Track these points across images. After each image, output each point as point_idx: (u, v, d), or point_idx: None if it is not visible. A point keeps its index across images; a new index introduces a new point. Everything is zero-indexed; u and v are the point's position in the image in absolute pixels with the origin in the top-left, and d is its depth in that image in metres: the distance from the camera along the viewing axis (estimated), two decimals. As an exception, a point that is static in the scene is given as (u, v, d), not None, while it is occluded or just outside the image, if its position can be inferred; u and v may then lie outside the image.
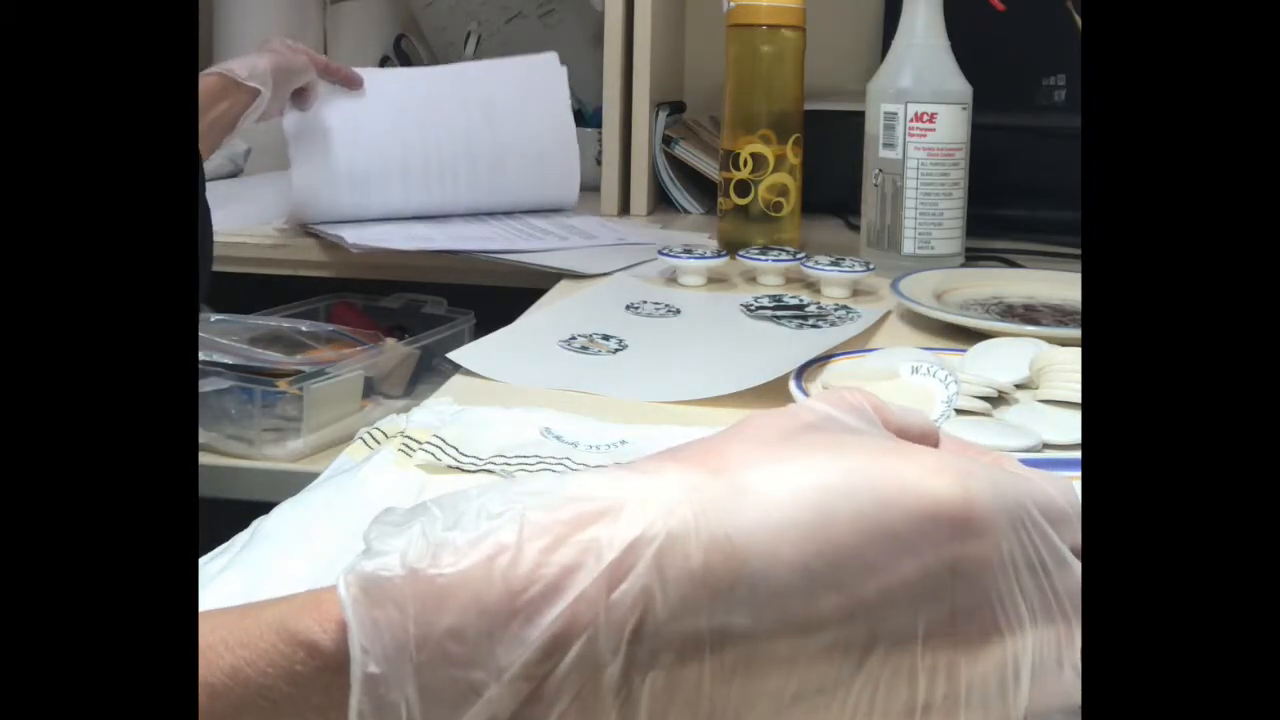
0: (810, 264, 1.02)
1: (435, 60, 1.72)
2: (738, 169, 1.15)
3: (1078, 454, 0.61)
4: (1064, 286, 1.00)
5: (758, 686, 0.29)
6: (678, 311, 0.96)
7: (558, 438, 0.65)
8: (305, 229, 1.26)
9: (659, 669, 0.28)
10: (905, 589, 0.29)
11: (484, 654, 0.27)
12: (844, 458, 0.30)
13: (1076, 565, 0.31)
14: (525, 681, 0.27)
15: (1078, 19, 1.18)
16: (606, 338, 0.86)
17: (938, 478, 0.30)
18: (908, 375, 0.60)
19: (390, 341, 1.12)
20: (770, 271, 1.06)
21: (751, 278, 1.07)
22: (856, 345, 0.84)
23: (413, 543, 0.28)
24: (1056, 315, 0.93)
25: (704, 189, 1.42)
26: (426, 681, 0.27)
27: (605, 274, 1.09)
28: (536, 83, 1.39)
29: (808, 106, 1.17)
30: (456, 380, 0.78)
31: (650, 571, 0.28)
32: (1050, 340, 0.79)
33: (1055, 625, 0.31)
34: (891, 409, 0.35)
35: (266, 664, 0.28)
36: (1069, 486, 0.32)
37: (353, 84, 1.31)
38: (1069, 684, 0.31)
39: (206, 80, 1.15)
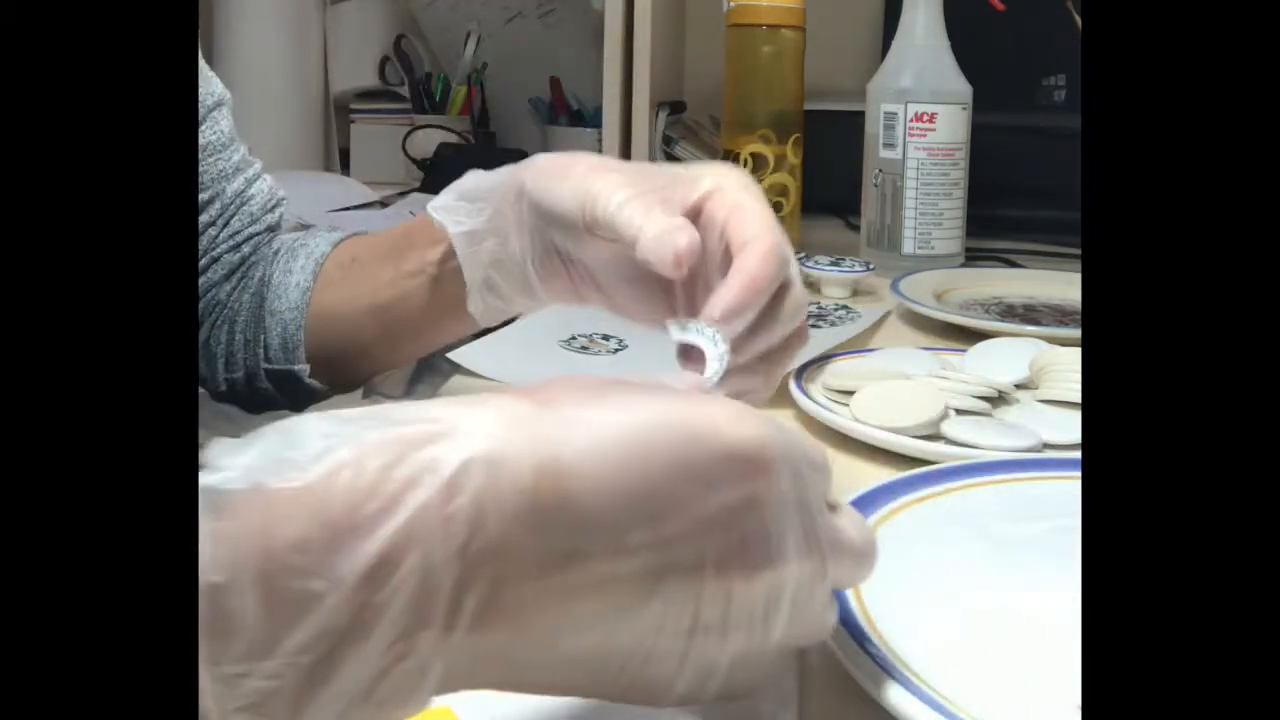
0: (810, 264, 1.02)
1: (436, 60, 1.72)
2: (738, 169, 1.15)
3: (1078, 454, 0.61)
4: (1064, 286, 1.00)
5: (574, 607, 0.30)
6: (678, 311, 0.96)
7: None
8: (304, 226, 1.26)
9: (486, 585, 0.29)
10: (705, 522, 0.31)
11: (324, 564, 0.28)
12: (658, 400, 0.32)
13: (829, 513, 0.35)
14: (362, 592, 0.28)
15: (1078, 19, 1.18)
16: (606, 338, 0.86)
17: (741, 423, 0.32)
18: (677, 333, 0.56)
19: (390, 341, 1.12)
20: (770, 271, 1.06)
21: (751, 278, 1.07)
22: (856, 345, 0.84)
23: (254, 459, 0.29)
24: (1056, 315, 0.93)
25: (704, 189, 1.41)
26: (267, 591, 0.28)
27: (605, 274, 1.09)
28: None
29: (808, 106, 1.17)
30: (456, 380, 0.78)
31: (485, 489, 0.29)
32: (1050, 340, 0.79)
33: (813, 560, 0.34)
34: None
35: None
36: (823, 449, 0.36)
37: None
38: (820, 614, 0.35)
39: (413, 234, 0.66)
